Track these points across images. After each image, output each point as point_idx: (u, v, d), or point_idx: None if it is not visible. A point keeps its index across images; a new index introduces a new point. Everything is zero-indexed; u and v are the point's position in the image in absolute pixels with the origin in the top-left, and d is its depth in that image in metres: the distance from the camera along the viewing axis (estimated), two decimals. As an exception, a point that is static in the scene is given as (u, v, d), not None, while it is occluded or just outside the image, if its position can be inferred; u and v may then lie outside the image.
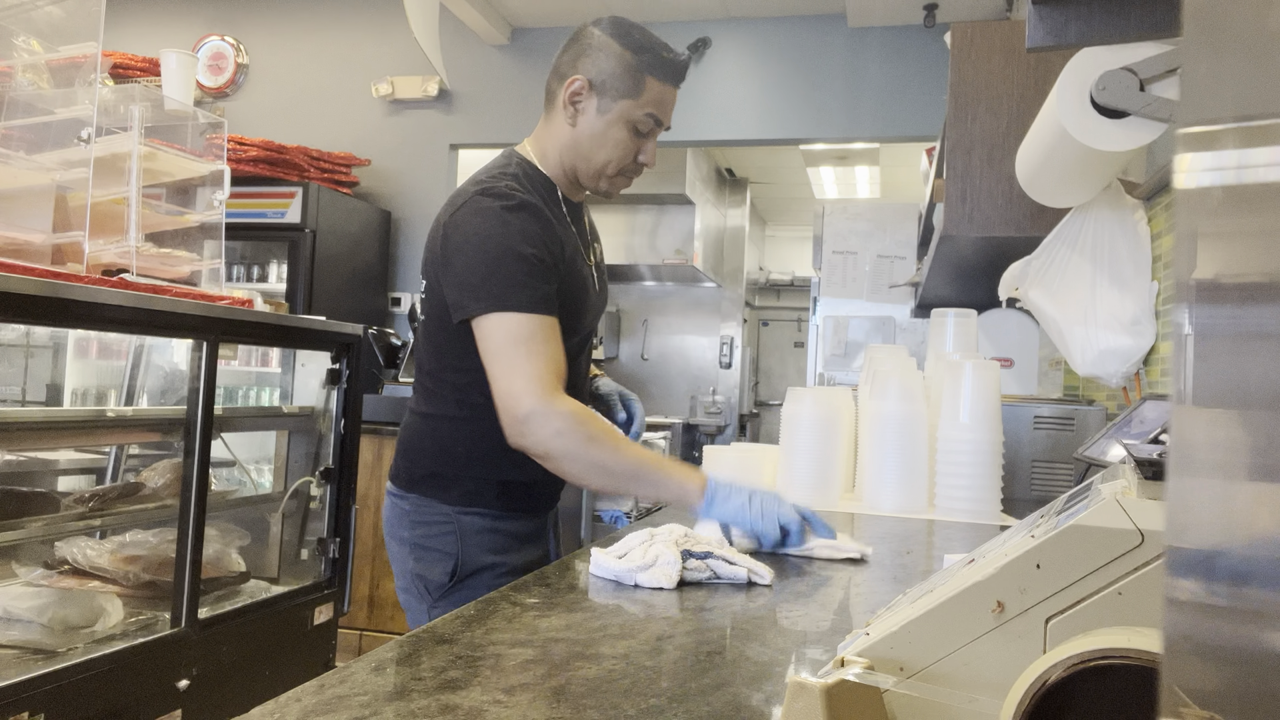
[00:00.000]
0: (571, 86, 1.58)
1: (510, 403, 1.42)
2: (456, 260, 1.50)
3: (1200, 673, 0.29)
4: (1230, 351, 0.29)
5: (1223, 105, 0.29)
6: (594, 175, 1.63)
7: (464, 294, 1.49)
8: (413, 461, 1.63)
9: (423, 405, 1.65)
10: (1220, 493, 0.29)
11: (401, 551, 1.61)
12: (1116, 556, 0.52)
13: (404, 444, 1.66)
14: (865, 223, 4.78)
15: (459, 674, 0.74)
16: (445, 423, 1.62)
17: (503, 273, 1.46)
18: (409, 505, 1.61)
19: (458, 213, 1.52)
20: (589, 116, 1.59)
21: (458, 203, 1.54)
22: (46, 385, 2.87)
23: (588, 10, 4.99)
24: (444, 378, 1.62)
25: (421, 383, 1.67)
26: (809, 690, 0.52)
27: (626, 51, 1.57)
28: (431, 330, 1.62)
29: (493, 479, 1.59)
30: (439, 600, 1.55)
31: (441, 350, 1.60)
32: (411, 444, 1.65)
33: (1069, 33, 1.16)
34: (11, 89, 2.11)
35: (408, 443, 1.66)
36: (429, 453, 1.62)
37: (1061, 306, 2.00)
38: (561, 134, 1.61)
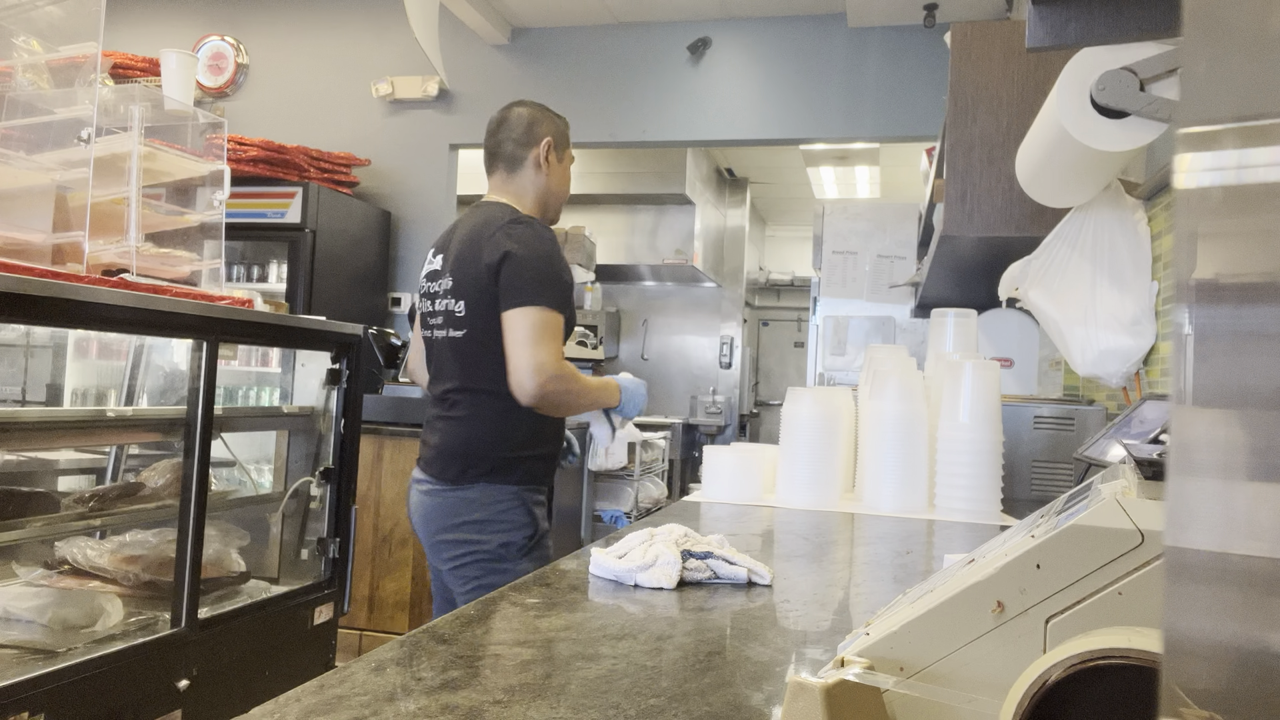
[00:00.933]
0: (538, 150, 2.13)
1: (541, 371, 1.91)
2: (514, 266, 1.93)
3: (1200, 673, 0.29)
4: (1230, 351, 0.29)
5: (1223, 105, 0.29)
6: (560, 207, 2.23)
7: (514, 292, 1.93)
8: (471, 458, 1.98)
9: (467, 409, 2.00)
10: (1220, 493, 0.29)
11: (468, 532, 1.96)
12: (1116, 556, 0.52)
13: (456, 446, 2.00)
14: (865, 223, 4.78)
15: (459, 674, 0.74)
16: (501, 417, 1.99)
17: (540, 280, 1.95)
18: (475, 494, 1.98)
19: (510, 229, 1.96)
20: (555, 165, 2.16)
21: (497, 223, 1.97)
22: (46, 385, 2.88)
23: (588, 10, 4.99)
24: (498, 375, 1.96)
25: (462, 389, 2.01)
26: (809, 690, 0.52)
27: (557, 117, 2.22)
28: (478, 338, 1.97)
29: (539, 455, 2.03)
30: (522, 558, 1.96)
31: (498, 349, 1.95)
32: (469, 444, 1.99)
33: (1069, 33, 1.16)
34: (11, 89, 2.11)
35: (464, 444, 2.00)
36: (489, 444, 1.99)
37: (1061, 306, 2.00)
38: (537, 183, 2.14)
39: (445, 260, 2.08)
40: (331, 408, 2.77)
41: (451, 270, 2.01)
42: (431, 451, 2.06)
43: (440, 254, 2.12)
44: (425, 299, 2.14)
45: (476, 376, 1.99)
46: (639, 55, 5.12)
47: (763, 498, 1.93)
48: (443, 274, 2.07)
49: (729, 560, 1.12)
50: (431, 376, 2.13)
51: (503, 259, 1.92)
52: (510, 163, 2.12)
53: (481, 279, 1.94)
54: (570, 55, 5.20)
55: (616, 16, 5.07)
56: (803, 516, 1.73)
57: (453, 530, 1.98)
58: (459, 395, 2.01)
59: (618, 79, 5.13)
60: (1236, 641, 0.27)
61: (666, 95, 5.07)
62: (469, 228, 2.04)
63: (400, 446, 3.78)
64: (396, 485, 3.77)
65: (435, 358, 2.11)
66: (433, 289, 2.10)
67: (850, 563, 1.38)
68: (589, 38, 5.18)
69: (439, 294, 2.07)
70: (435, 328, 2.08)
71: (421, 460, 2.10)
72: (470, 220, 2.08)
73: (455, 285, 2.00)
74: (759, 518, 1.72)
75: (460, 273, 1.99)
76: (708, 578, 1.12)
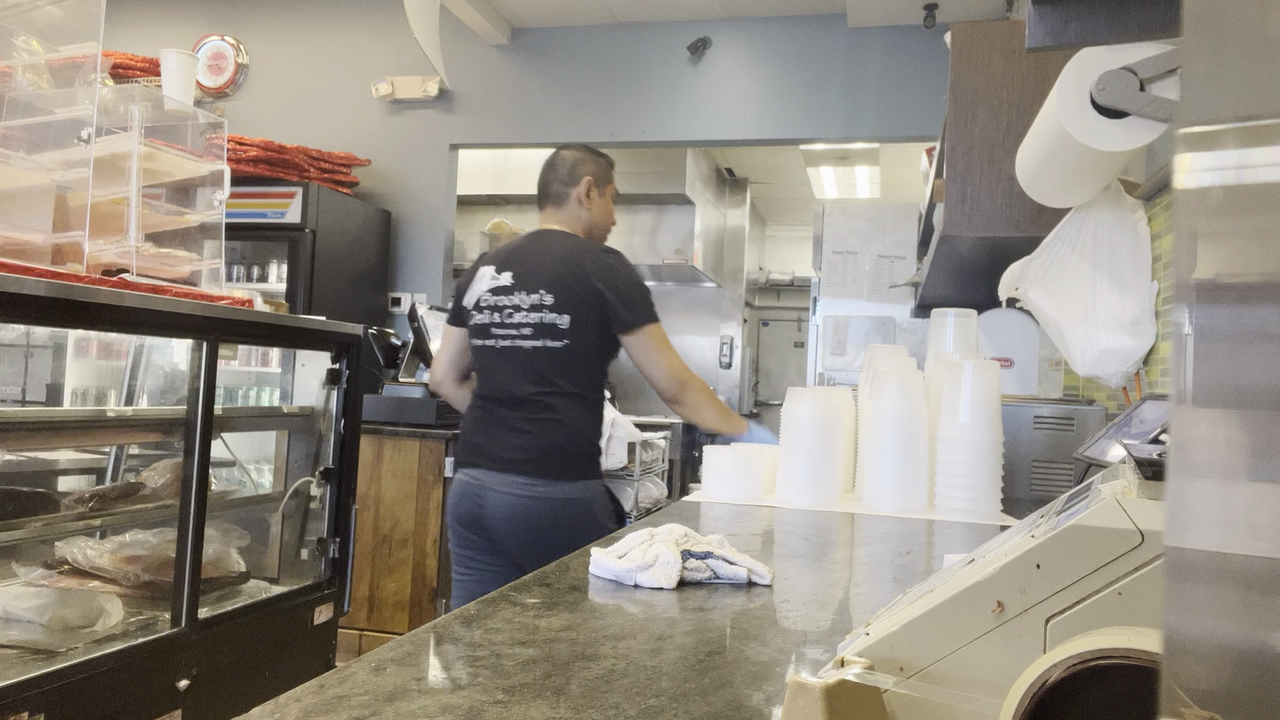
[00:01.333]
0: (580, 189, 2.43)
1: (677, 374, 2.33)
2: (623, 291, 2.29)
3: (1200, 673, 0.29)
4: (1230, 351, 0.29)
5: (1223, 105, 0.29)
6: (605, 235, 2.52)
7: (631, 312, 2.28)
8: (571, 456, 2.25)
9: (563, 412, 2.26)
10: (1220, 493, 0.29)
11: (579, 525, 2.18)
12: (1116, 556, 0.52)
13: (554, 445, 2.24)
14: (865, 223, 4.78)
15: (459, 674, 0.74)
16: (590, 418, 2.31)
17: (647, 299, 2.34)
18: (579, 489, 2.25)
19: (604, 258, 2.32)
20: (596, 201, 2.46)
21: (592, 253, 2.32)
22: (46, 385, 2.88)
23: (588, 10, 4.99)
24: (591, 382, 2.31)
25: (556, 394, 2.26)
26: (809, 690, 0.52)
27: (600, 158, 2.51)
28: (579, 349, 2.26)
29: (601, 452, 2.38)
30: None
31: (596, 361, 2.32)
32: (567, 443, 2.25)
33: (1069, 33, 1.16)
34: (11, 89, 2.11)
35: (562, 443, 2.25)
36: (584, 442, 2.30)
37: (1061, 306, 2.00)
38: (580, 216, 2.45)
39: (520, 277, 2.31)
40: (331, 408, 2.77)
41: (552, 289, 2.27)
42: (520, 452, 2.23)
43: (507, 271, 2.34)
44: (489, 311, 2.33)
45: (575, 382, 2.27)
46: (639, 55, 5.12)
47: (763, 498, 1.93)
48: (517, 289, 2.30)
49: (729, 560, 1.12)
50: (493, 382, 2.35)
51: (611, 287, 2.28)
52: (557, 199, 2.46)
53: (587, 301, 2.26)
54: (570, 55, 5.20)
55: (616, 16, 5.07)
56: (803, 516, 1.73)
57: (567, 526, 2.18)
58: (554, 399, 2.26)
59: (618, 79, 5.13)
60: (1236, 641, 0.27)
61: (666, 95, 5.07)
62: (557, 253, 2.33)
63: (400, 446, 3.78)
64: (396, 485, 3.77)
65: (503, 365, 2.31)
66: (503, 302, 2.32)
67: (850, 563, 1.38)
68: (589, 38, 5.18)
69: (520, 307, 2.30)
70: (514, 338, 2.30)
71: (500, 460, 2.25)
72: (550, 246, 2.36)
73: (558, 302, 2.26)
74: (759, 518, 1.72)
75: (565, 292, 2.26)
76: (708, 578, 1.12)
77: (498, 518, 2.23)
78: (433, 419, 3.79)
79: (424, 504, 3.74)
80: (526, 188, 7.67)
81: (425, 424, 3.78)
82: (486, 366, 2.36)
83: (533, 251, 2.36)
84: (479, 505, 2.26)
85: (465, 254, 6.48)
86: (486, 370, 2.37)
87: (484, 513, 2.26)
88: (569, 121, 5.18)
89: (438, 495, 3.73)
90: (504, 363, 2.30)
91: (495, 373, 2.33)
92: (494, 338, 2.32)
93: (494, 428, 2.30)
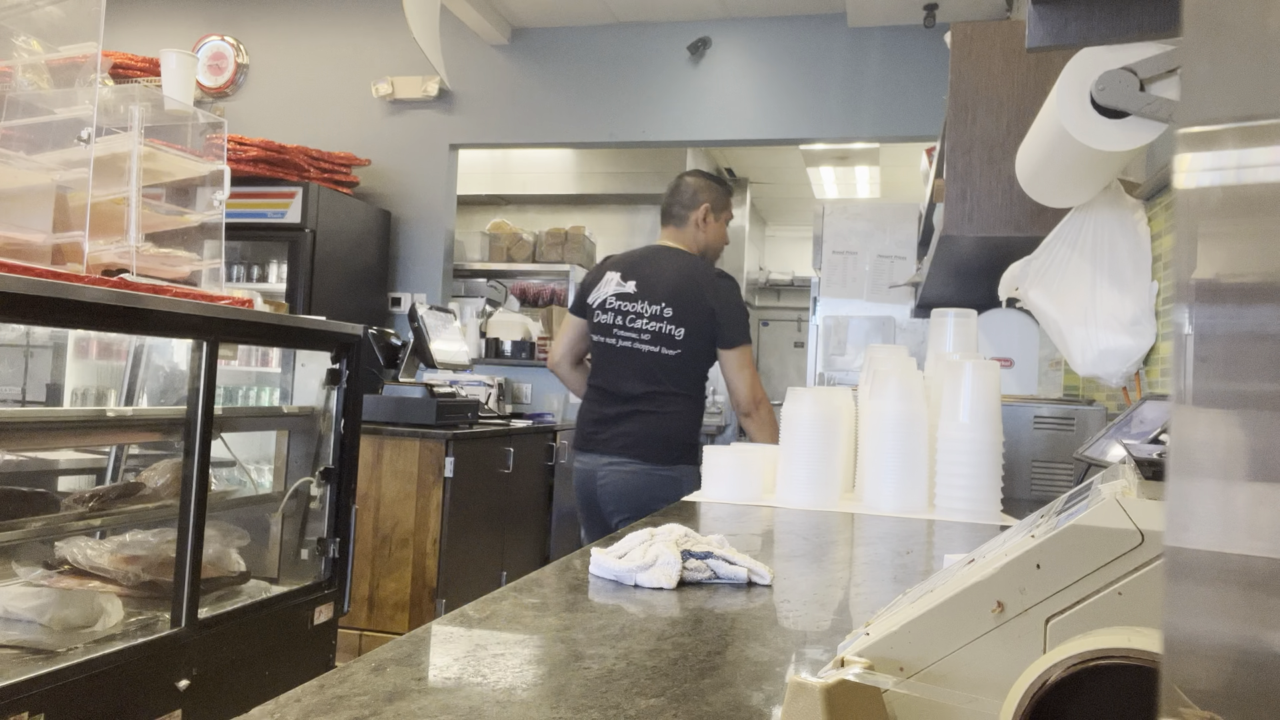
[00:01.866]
0: (698, 213, 2.84)
1: (755, 392, 2.76)
2: (730, 312, 2.72)
3: (1200, 673, 0.29)
4: (1230, 351, 0.29)
5: (1223, 105, 0.29)
6: (719, 255, 2.92)
7: (733, 332, 2.72)
8: (673, 444, 2.70)
9: (672, 407, 2.70)
10: (1220, 493, 0.29)
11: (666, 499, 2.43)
12: (1116, 556, 0.52)
13: (660, 437, 2.69)
14: (865, 223, 4.78)
15: (459, 674, 0.74)
16: (692, 414, 2.75)
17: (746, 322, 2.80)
18: (677, 473, 2.66)
19: (718, 281, 2.75)
20: (711, 225, 2.87)
21: (708, 274, 2.76)
22: (46, 385, 2.88)
23: (588, 10, 4.99)
24: (695, 383, 2.76)
25: (664, 392, 2.70)
26: (809, 690, 0.52)
27: (718, 185, 2.91)
28: (689, 357, 2.71)
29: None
30: None
31: (701, 367, 2.75)
32: (672, 433, 2.70)
33: (1069, 33, 1.16)
34: (11, 89, 2.11)
35: (666, 436, 2.69)
36: (685, 433, 2.72)
37: (1061, 306, 2.00)
38: (697, 238, 2.86)
39: (644, 287, 2.74)
40: (331, 408, 2.77)
41: (672, 303, 2.70)
42: (627, 439, 2.71)
43: (631, 280, 2.77)
44: (613, 313, 2.77)
45: (682, 384, 2.72)
46: (639, 55, 5.11)
47: (763, 498, 1.93)
48: (640, 298, 2.74)
49: (729, 560, 1.12)
50: (609, 376, 2.79)
51: (722, 307, 2.71)
52: (678, 220, 2.87)
53: (701, 316, 2.70)
54: (570, 55, 5.20)
55: (616, 16, 5.07)
56: (803, 516, 1.73)
57: (661, 500, 2.48)
58: (662, 398, 2.70)
59: (618, 79, 5.13)
60: (1236, 641, 0.27)
61: (666, 95, 5.07)
62: (677, 270, 2.75)
63: (400, 446, 3.78)
64: (396, 485, 3.77)
65: (620, 363, 2.76)
66: (627, 308, 2.75)
67: (850, 563, 1.38)
68: (589, 38, 5.18)
69: (642, 315, 2.73)
70: (633, 341, 2.74)
71: (611, 446, 2.73)
72: (671, 263, 2.78)
73: (676, 315, 2.69)
74: (759, 518, 1.72)
75: (684, 308, 2.69)
76: (708, 578, 1.12)
77: (606, 493, 2.72)
78: (433, 419, 3.79)
79: (424, 504, 3.74)
80: (527, 188, 7.71)
81: (425, 424, 3.78)
82: (604, 361, 2.80)
83: (655, 265, 2.79)
84: (592, 484, 2.76)
85: (465, 254, 6.49)
86: (604, 365, 2.81)
87: (596, 490, 2.75)
88: (569, 121, 5.18)
89: (438, 495, 3.73)
90: (621, 361, 2.75)
91: (612, 368, 2.77)
92: (615, 337, 2.76)
93: (606, 417, 2.76)
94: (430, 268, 5.30)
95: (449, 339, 4.13)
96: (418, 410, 3.82)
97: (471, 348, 4.98)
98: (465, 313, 5.48)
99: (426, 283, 5.30)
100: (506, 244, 6.39)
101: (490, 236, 6.47)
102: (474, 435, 3.96)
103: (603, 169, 6.53)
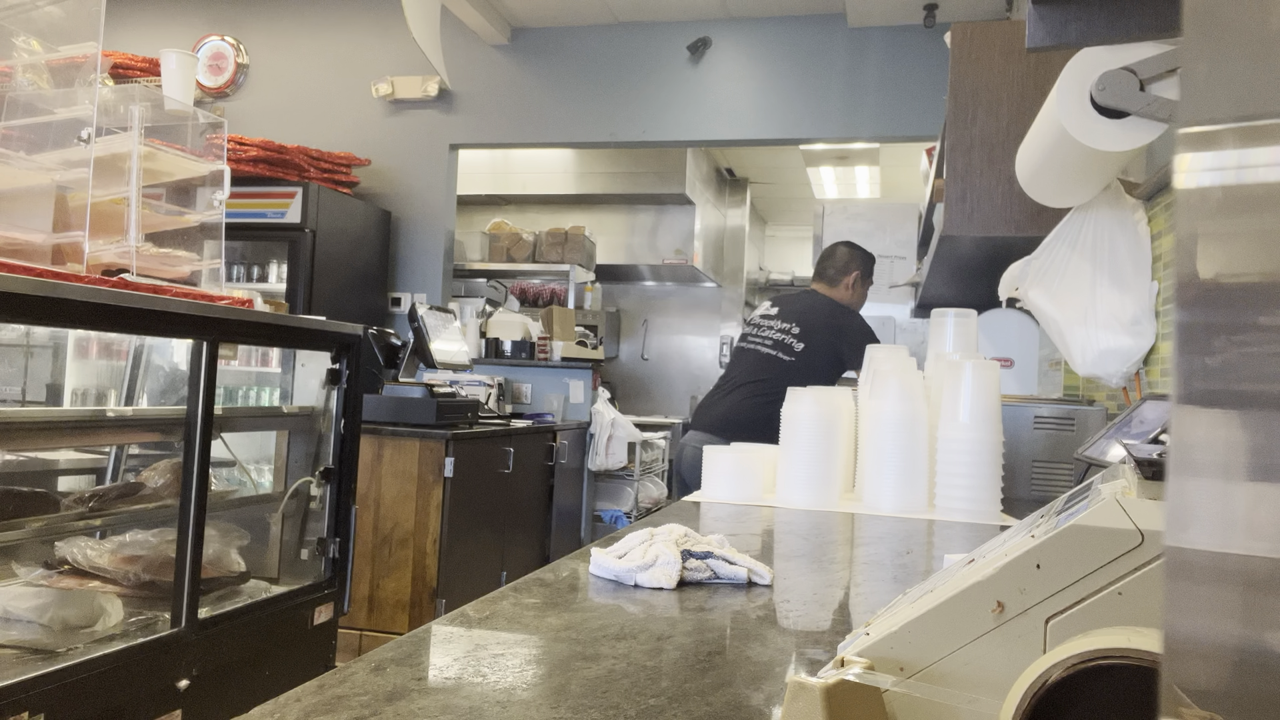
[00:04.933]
0: (849, 279, 3.51)
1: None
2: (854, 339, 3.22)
3: (1200, 673, 0.29)
4: (1230, 351, 0.29)
5: (1223, 105, 0.29)
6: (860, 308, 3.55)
7: (855, 354, 3.02)
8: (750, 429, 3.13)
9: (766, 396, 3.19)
10: (1220, 493, 0.29)
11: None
12: (1116, 556, 0.52)
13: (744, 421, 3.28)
14: (865, 223, 4.78)
15: (459, 674, 0.74)
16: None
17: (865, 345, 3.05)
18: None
19: (847, 317, 3.44)
20: (856, 289, 3.52)
21: (845, 312, 3.47)
22: (46, 385, 2.88)
23: (588, 10, 4.99)
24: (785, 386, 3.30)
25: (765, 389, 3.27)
26: (809, 690, 0.52)
27: (866, 256, 3.56)
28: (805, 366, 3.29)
29: None
30: None
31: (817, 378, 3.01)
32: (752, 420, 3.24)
33: (1069, 33, 1.16)
34: (11, 89, 2.11)
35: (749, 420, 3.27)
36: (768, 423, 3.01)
37: (1061, 306, 2.00)
38: (843, 296, 3.51)
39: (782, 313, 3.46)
40: (331, 408, 2.77)
41: (800, 323, 3.39)
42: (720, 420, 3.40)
43: (776, 306, 3.51)
44: (753, 327, 3.52)
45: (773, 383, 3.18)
46: (639, 55, 5.12)
47: (763, 498, 1.93)
48: (778, 318, 3.45)
49: (729, 560, 1.12)
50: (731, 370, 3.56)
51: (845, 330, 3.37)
52: (830, 281, 3.53)
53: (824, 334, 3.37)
54: (570, 55, 5.20)
55: (616, 16, 5.08)
56: (803, 516, 1.73)
57: None
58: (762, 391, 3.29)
59: (618, 79, 5.13)
60: (1236, 641, 0.27)
61: (666, 95, 5.07)
62: (817, 303, 3.47)
63: (400, 446, 3.78)
64: (396, 485, 3.77)
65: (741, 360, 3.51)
66: (763, 323, 3.49)
67: (850, 563, 1.38)
68: (589, 38, 5.18)
69: (771, 328, 3.44)
70: (756, 344, 3.46)
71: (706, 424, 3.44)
72: (815, 299, 3.51)
73: (800, 333, 3.37)
74: (759, 518, 1.72)
75: (808, 327, 3.37)
76: (708, 578, 1.12)
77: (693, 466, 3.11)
78: (433, 419, 3.79)
79: (424, 504, 3.74)
80: (527, 188, 7.71)
81: (425, 424, 3.78)
82: (732, 360, 3.59)
83: (800, 299, 3.54)
84: (690, 456, 3.34)
85: (465, 254, 6.49)
86: (731, 362, 3.59)
87: (684, 462, 3.44)
88: (569, 121, 5.18)
89: (438, 495, 3.73)
90: (741, 358, 3.50)
91: (735, 364, 3.53)
92: (745, 340, 3.53)
93: (713, 401, 3.50)
94: (430, 268, 5.30)
95: (449, 339, 4.13)
96: (418, 410, 3.82)
97: (471, 348, 4.98)
98: (465, 313, 5.48)
99: (426, 283, 5.30)
100: (506, 244, 6.39)
101: (490, 236, 6.47)
102: (474, 435, 3.96)
103: (603, 169, 6.53)
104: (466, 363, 4.30)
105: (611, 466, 5.25)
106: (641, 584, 1.08)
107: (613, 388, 6.50)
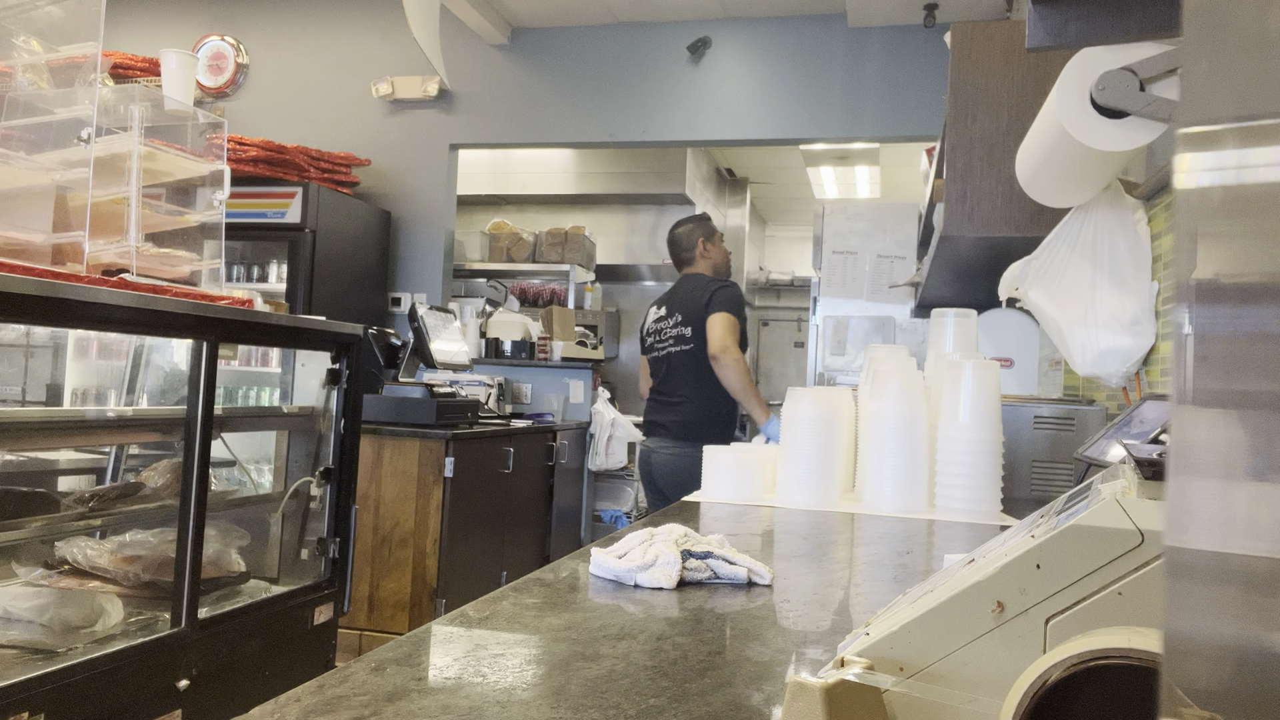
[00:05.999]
0: (698, 249, 3.73)
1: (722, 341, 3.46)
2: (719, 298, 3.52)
3: (1200, 673, 0.29)
4: (1230, 351, 0.29)
5: (1223, 105, 0.29)
6: (729, 268, 3.84)
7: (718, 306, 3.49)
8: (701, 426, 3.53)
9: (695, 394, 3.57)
10: (1220, 493, 0.29)
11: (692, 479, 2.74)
12: (1116, 556, 0.52)
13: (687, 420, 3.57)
14: (865, 223, 4.78)
15: (459, 674, 0.74)
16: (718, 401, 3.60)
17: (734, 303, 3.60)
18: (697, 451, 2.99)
19: (717, 288, 3.57)
20: (711, 249, 3.76)
21: (715, 283, 3.62)
22: (46, 385, 2.87)
23: (588, 11, 4.99)
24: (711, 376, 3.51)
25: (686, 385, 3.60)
26: (809, 690, 0.52)
27: (704, 221, 3.84)
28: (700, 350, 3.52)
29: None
30: None
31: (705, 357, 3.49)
32: (699, 418, 3.56)
33: (1069, 33, 1.16)
34: (11, 89, 2.11)
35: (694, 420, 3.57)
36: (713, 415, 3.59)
37: (1061, 306, 2.00)
38: (706, 265, 3.74)
39: (670, 310, 3.66)
40: (331, 408, 2.77)
41: (683, 312, 3.59)
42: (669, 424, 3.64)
43: (663, 307, 3.70)
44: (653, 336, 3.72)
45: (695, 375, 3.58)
46: (639, 55, 5.11)
47: (763, 498, 1.93)
48: (669, 317, 3.64)
49: (729, 560, 1.12)
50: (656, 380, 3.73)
51: (716, 300, 3.52)
52: (689, 262, 3.76)
53: (703, 314, 3.51)
54: (570, 55, 5.20)
55: (616, 16, 5.07)
56: (803, 516, 1.73)
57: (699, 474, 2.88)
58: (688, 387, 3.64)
59: (618, 79, 5.13)
60: (1236, 641, 0.27)
61: (666, 95, 5.07)
62: (695, 288, 3.60)
63: (400, 446, 3.78)
64: (396, 485, 3.77)
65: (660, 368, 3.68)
66: (659, 328, 3.69)
67: (850, 563, 1.38)
68: (589, 38, 5.18)
69: (668, 329, 3.64)
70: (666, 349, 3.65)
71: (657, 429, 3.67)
72: (693, 285, 3.64)
73: (685, 319, 3.58)
74: (759, 518, 1.72)
75: (690, 307, 3.57)
76: (708, 578, 1.12)
77: (658, 470, 3.58)
78: (433, 419, 3.79)
79: (424, 504, 3.74)
80: (526, 188, 7.70)
81: (425, 424, 3.78)
82: (653, 371, 3.73)
83: (677, 289, 3.71)
84: (648, 463, 3.62)
85: (465, 254, 6.49)
86: (653, 373, 3.73)
87: (651, 468, 3.61)
88: (569, 121, 5.18)
89: (438, 495, 3.73)
90: (659, 367, 3.67)
91: (659, 375, 3.68)
92: (653, 351, 3.71)
93: (655, 409, 3.67)
94: (430, 268, 5.30)
95: (449, 339, 4.13)
96: (418, 410, 3.82)
97: (471, 348, 4.98)
98: (465, 313, 5.48)
99: (426, 283, 5.30)
100: (506, 244, 6.38)
101: (490, 236, 6.46)
102: (474, 435, 3.96)
103: (603, 169, 6.53)
104: (466, 363, 4.30)
105: (611, 466, 5.25)
106: (641, 584, 1.08)
107: (613, 388, 6.49)
